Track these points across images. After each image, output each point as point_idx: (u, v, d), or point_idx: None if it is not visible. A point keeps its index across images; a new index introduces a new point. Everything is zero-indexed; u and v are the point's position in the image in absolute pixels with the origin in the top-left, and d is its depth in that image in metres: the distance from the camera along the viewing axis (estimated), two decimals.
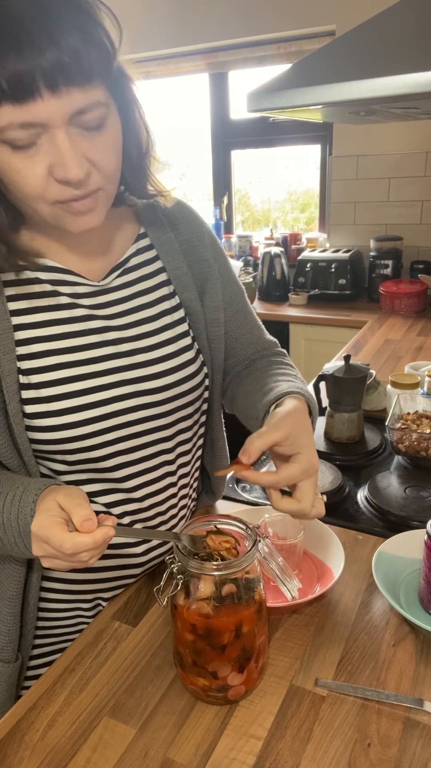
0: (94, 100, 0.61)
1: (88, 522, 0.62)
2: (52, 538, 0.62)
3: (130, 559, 0.86)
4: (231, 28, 2.92)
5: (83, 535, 0.62)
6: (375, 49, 1.09)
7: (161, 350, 0.81)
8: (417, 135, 2.72)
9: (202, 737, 0.66)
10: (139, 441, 0.81)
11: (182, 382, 0.83)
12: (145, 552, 0.87)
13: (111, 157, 0.67)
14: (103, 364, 0.77)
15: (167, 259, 0.85)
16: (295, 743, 0.65)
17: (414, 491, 1.11)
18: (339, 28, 2.68)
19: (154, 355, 0.81)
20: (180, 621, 0.67)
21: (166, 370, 0.81)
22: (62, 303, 0.76)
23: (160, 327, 0.82)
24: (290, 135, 3.15)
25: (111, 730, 0.67)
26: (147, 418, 0.80)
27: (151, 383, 0.80)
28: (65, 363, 0.75)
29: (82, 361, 0.76)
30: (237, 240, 3.35)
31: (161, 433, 0.83)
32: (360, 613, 0.82)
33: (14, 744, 0.66)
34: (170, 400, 0.82)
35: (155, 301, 0.83)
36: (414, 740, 0.65)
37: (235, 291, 0.93)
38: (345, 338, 2.47)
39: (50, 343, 0.74)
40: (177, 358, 0.82)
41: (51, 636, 0.89)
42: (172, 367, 0.82)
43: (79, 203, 0.66)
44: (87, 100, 0.61)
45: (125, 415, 0.78)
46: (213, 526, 0.71)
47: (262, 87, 1.18)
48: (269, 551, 0.70)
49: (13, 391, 0.72)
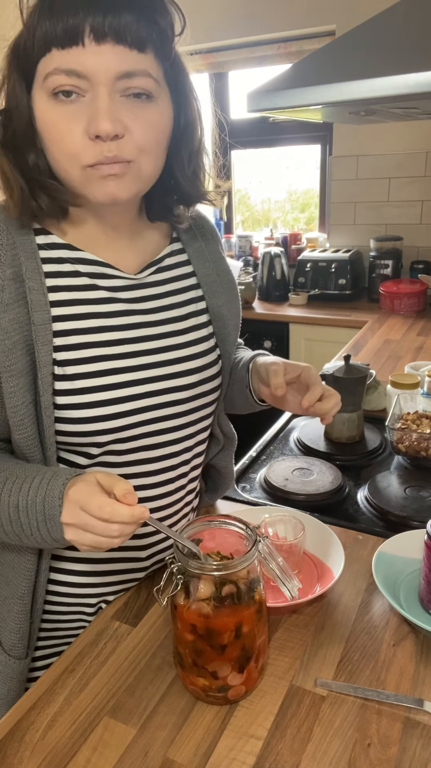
0: (142, 68, 0.64)
1: (130, 495, 0.63)
2: (92, 501, 0.63)
3: (135, 563, 0.86)
4: (231, 28, 2.92)
5: (123, 506, 0.62)
6: (375, 49, 1.09)
7: (187, 350, 0.83)
8: (417, 135, 2.72)
9: (201, 737, 0.66)
10: (163, 438, 0.82)
11: (205, 382, 0.85)
12: (150, 557, 0.87)
13: (150, 132, 0.67)
14: (137, 359, 0.78)
15: (198, 266, 0.88)
16: (295, 743, 0.65)
17: (414, 491, 1.11)
18: (339, 28, 2.68)
19: (181, 354, 0.82)
20: (180, 621, 0.67)
21: (191, 369, 0.83)
22: (101, 297, 0.77)
23: (187, 327, 0.84)
24: (290, 135, 3.15)
25: (111, 730, 0.67)
26: (172, 415, 0.82)
27: (177, 381, 0.82)
28: (101, 356, 0.75)
29: (116, 355, 0.77)
30: (237, 240, 3.35)
31: (184, 431, 0.85)
32: (360, 613, 0.82)
33: (14, 744, 0.66)
34: (194, 398, 0.84)
35: (185, 302, 0.85)
36: (414, 740, 0.65)
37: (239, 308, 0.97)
38: (345, 338, 2.46)
39: (87, 335, 0.75)
40: (201, 359, 0.85)
41: (52, 638, 0.89)
42: (197, 367, 0.84)
43: (108, 166, 0.66)
44: (135, 65, 0.63)
45: (152, 411, 0.79)
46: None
47: (262, 87, 1.17)
48: (269, 551, 0.70)
49: (48, 383, 0.72)
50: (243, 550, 0.67)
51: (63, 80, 0.63)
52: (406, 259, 2.83)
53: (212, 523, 0.71)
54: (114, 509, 0.62)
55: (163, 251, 0.85)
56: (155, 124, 0.68)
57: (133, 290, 0.80)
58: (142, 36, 0.63)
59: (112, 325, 0.77)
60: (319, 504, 1.10)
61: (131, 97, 0.65)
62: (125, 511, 0.62)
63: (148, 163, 0.69)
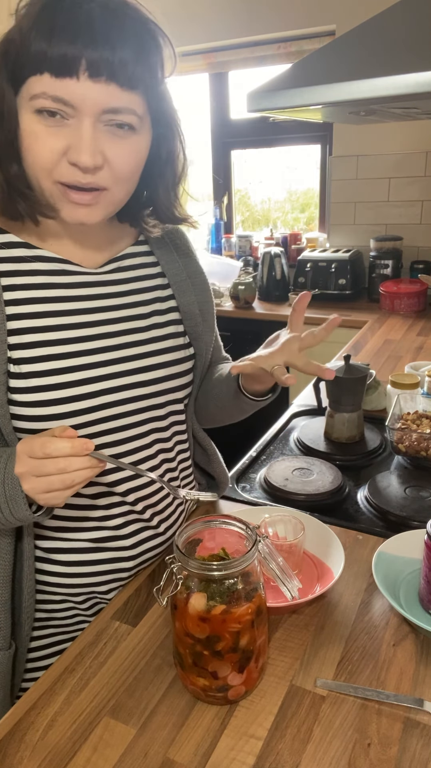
0: (129, 107, 0.66)
1: (68, 431, 0.66)
2: (35, 443, 0.65)
3: (120, 552, 0.87)
4: (231, 28, 2.92)
5: (63, 439, 0.65)
6: (375, 49, 1.09)
7: (151, 346, 0.84)
8: (417, 135, 2.72)
9: (201, 737, 0.66)
10: (129, 433, 0.83)
11: (173, 378, 0.86)
12: (135, 545, 0.87)
13: (127, 163, 0.69)
14: (95, 356, 0.79)
15: (167, 266, 0.89)
16: (295, 743, 0.65)
17: (414, 491, 1.11)
18: (339, 28, 2.68)
19: (144, 350, 0.84)
20: (180, 621, 0.67)
21: (156, 364, 0.84)
22: (58, 295, 0.78)
23: (150, 325, 0.85)
24: (290, 135, 3.15)
25: (111, 730, 0.67)
26: (132, 411, 0.83)
27: (141, 376, 0.83)
28: (56, 354, 0.76)
29: (73, 353, 0.77)
30: (237, 240, 3.35)
31: (151, 424, 0.86)
32: (360, 613, 0.82)
33: (14, 744, 0.66)
34: (161, 393, 0.85)
35: (148, 301, 0.86)
36: (414, 740, 0.65)
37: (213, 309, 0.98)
38: (345, 338, 2.46)
39: (42, 333, 0.76)
40: (167, 355, 0.86)
41: (47, 627, 0.89)
42: (163, 362, 0.85)
43: (79, 195, 0.69)
44: (123, 103, 0.65)
45: (113, 408, 0.80)
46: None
47: (262, 87, 1.18)
48: (269, 551, 0.70)
49: (1, 382, 0.73)
50: (243, 550, 0.67)
51: (50, 104, 0.64)
52: (406, 259, 2.83)
53: (212, 523, 0.71)
54: (55, 444, 0.64)
55: (125, 249, 0.86)
56: (134, 155, 0.70)
57: (92, 287, 0.81)
58: (135, 76, 0.64)
59: (69, 324, 0.78)
60: (319, 504, 1.10)
61: (113, 127, 0.67)
62: (65, 443, 0.64)
63: (121, 191, 0.72)
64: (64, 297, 0.78)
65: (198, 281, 0.92)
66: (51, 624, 0.89)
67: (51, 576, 0.85)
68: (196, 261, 0.94)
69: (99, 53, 0.61)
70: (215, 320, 0.97)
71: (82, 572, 0.86)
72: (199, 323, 0.91)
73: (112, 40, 0.62)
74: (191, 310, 0.90)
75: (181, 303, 0.89)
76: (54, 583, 0.86)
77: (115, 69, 0.63)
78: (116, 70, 0.63)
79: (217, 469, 1.05)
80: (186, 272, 0.91)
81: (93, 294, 0.81)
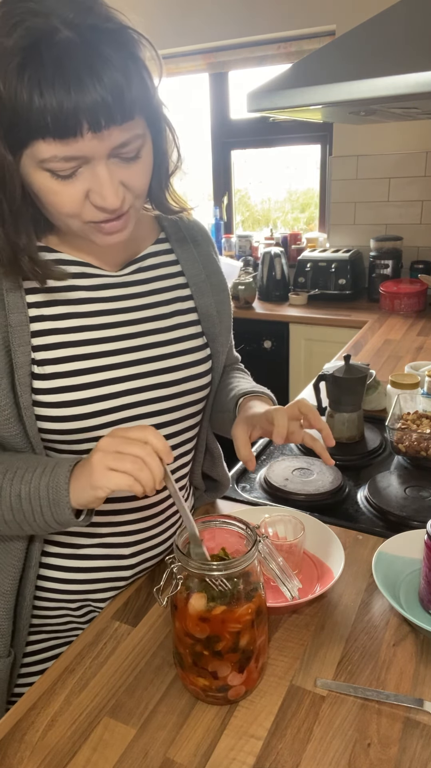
0: (133, 134, 0.65)
1: None
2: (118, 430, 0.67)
3: (120, 560, 0.87)
4: (231, 28, 2.92)
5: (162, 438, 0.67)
6: (375, 49, 1.09)
7: (173, 347, 0.84)
8: (417, 135, 2.72)
9: (201, 737, 0.66)
10: None
11: (192, 379, 0.86)
12: (134, 554, 0.87)
13: (144, 180, 0.70)
14: (117, 357, 0.79)
15: (187, 266, 0.89)
16: (295, 743, 0.65)
17: (414, 491, 1.11)
18: (339, 28, 2.68)
19: (166, 350, 0.83)
20: (180, 621, 0.67)
21: (177, 365, 0.84)
22: (79, 297, 0.78)
23: (173, 325, 0.85)
24: (290, 135, 3.15)
25: (111, 730, 0.67)
26: (157, 412, 0.83)
27: (162, 377, 0.82)
28: (78, 355, 0.76)
29: (95, 354, 0.78)
30: (237, 240, 3.35)
31: (170, 428, 0.85)
32: (360, 613, 0.82)
33: (14, 744, 0.66)
34: (181, 394, 0.85)
35: (169, 301, 0.86)
36: (414, 740, 0.65)
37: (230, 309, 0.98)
38: (345, 338, 2.46)
39: (64, 335, 0.76)
40: (188, 356, 0.85)
41: (41, 632, 0.90)
42: (183, 363, 0.85)
43: (110, 225, 0.69)
44: (127, 136, 0.64)
45: (135, 408, 0.80)
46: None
47: (262, 87, 1.17)
48: (269, 551, 0.70)
49: (26, 384, 0.73)
50: (243, 550, 0.67)
51: (62, 165, 0.63)
52: (406, 259, 2.83)
53: (212, 523, 0.71)
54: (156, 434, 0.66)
55: (146, 249, 0.85)
56: (146, 169, 0.70)
57: (113, 288, 0.81)
58: (131, 105, 0.62)
59: (91, 325, 0.78)
60: (319, 504, 1.10)
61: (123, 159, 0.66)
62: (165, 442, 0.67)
63: (142, 202, 0.73)
64: (86, 299, 0.78)
65: (216, 281, 0.92)
66: (44, 630, 0.89)
67: (49, 582, 0.85)
68: (214, 259, 0.93)
69: (92, 96, 0.58)
70: (232, 321, 0.96)
71: (81, 579, 0.86)
72: (216, 324, 0.90)
73: (98, 73, 0.58)
74: (209, 312, 0.89)
75: (199, 305, 0.89)
76: (51, 588, 0.86)
77: (113, 111, 0.60)
78: (113, 111, 0.60)
79: (220, 471, 1.05)
80: (205, 272, 0.90)
81: (115, 295, 0.80)
